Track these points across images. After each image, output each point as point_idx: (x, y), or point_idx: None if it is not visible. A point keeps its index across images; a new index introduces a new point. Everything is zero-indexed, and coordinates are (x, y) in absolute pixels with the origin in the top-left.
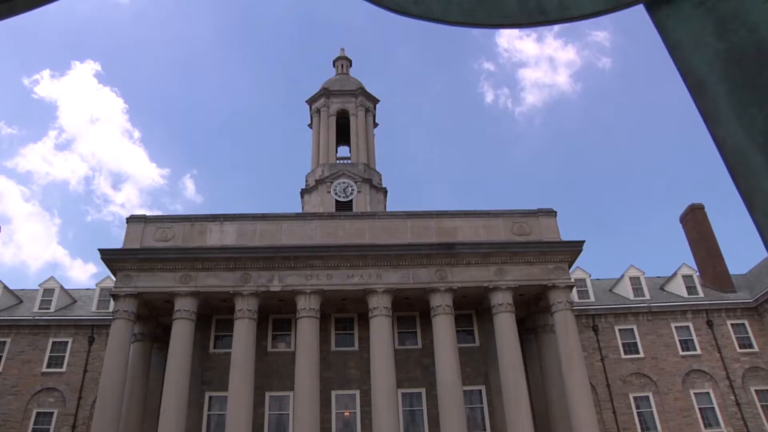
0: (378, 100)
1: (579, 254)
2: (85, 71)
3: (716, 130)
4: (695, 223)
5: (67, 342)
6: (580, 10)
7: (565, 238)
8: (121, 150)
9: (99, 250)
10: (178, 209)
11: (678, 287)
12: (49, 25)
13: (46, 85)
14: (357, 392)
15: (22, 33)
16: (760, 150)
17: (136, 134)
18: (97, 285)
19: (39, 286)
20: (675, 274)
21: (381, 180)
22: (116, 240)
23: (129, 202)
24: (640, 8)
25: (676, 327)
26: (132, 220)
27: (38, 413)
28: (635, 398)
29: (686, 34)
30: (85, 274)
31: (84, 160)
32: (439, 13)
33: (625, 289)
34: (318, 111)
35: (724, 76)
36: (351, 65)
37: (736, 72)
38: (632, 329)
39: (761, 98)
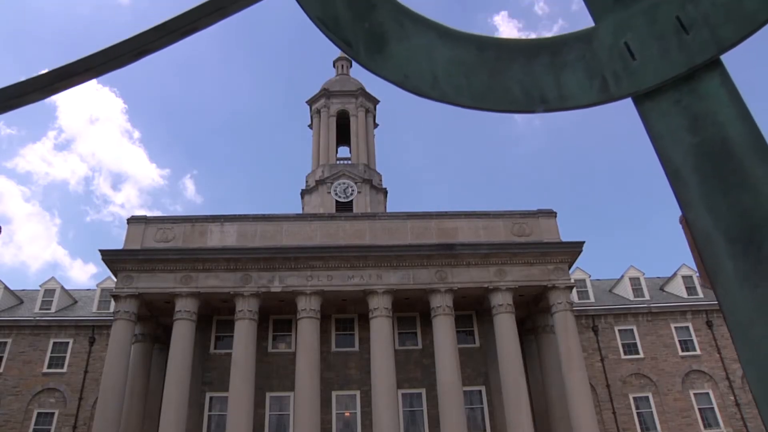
0: (378, 101)
1: (579, 255)
2: None
3: (688, 213)
4: None
5: (67, 342)
6: (576, 101)
7: (564, 238)
8: (121, 150)
9: (100, 251)
10: (178, 209)
11: (678, 288)
12: (49, 26)
13: None
14: (357, 393)
15: (22, 33)
16: (723, 234)
17: (136, 134)
18: (97, 285)
19: (40, 286)
20: (675, 274)
21: (381, 180)
22: (116, 240)
23: (129, 202)
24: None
25: (675, 327)
26: (133, 221)
27: (39, 414)
28: (635, 399)
29: (665, 128)
30: (85, 274)
31: (84, 160)
32: (453, 97)
33: (625, 290)
34: (318, 111)
35: (695, 167)
36: (351, 66)
37: (705, 164)
38: (632, 330)
39: (725, 189)
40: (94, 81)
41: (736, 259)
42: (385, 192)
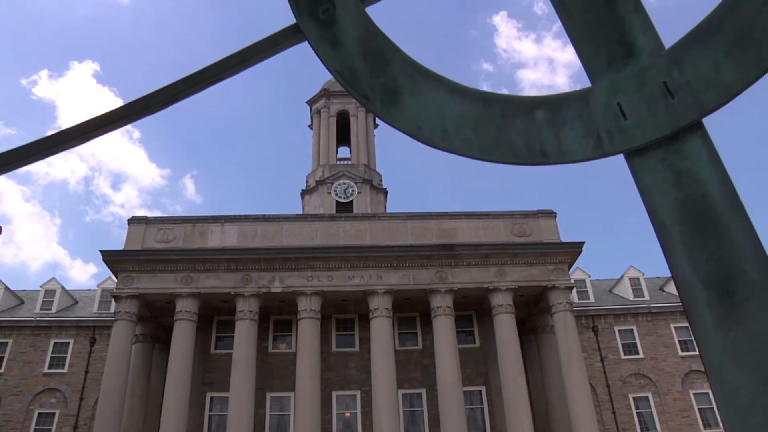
0: None
1: (579, 255)
2: (83, 71)
3: (671, 262)
4: None
5: (68, 343)
6: (573, 156)
7: (564, 239)
8: (121, 150)
9: (101, 251)
10: (178, 210)
11: None
12: (48, 26)
13: (44, 86)
14: (358, 393)
15: (20, 33)
16: (701, 281)
17: (136, 134)
18: (98, 286)
19: (40, 286)
20: None
21: (381, 181)
22: (116, 240)
23: (128, 202)
24: None
25: (675, 327)
26: (133, 221)
27: (40, 414)
28: (635, 399)
29: (652, 183)
30: (85, 274)
31: (83, 160)
32: (462, 150)
33: (625, 290)
34: (318, 112)
35: (679, 220)
36: None
37: (687, 217)
38: (632, 330)
39: (704, 241)
40: (93, 80)
41: (711, 305)
42: (385, 192)
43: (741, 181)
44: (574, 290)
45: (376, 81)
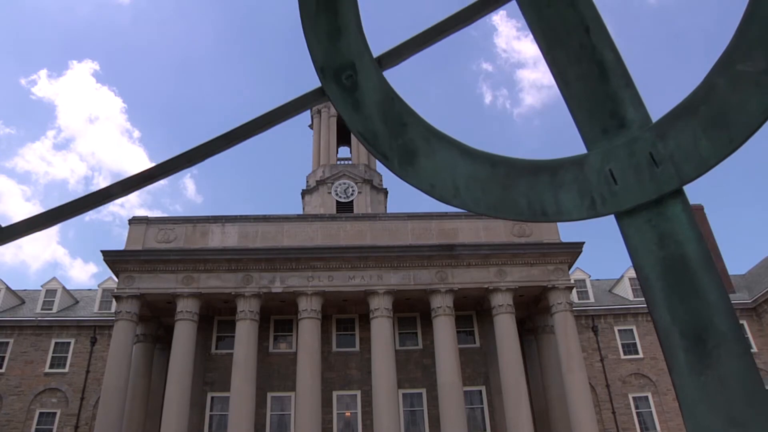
0: None
1: (579, 255)
2: (83, 70)
3: (654, 312)
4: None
5: (69, 342)
6: (569, 215)
7: (564, 239)
8: (121, 149)
9: (102, 251)
10: (178, 209)
11: None
12: (47, 26)
13: (43, 85)
14: (358, 393)
15: (20, 33)
16: (678, 330)
17: (136, 134)
18: (99, 286)
19: (41, 286)
20: None
21: (381, 181)
22: (116, 240)
23: (128, 201)
24: None
25: None
26: (134, 221)
27: (41, 413)
28: (634, 398)
29: (639, 242)
30: (85, 274)
31: (83, 159)
32: (472, 207)
33: (625, 290)
34: (319, 112)
35: (661, 276)
36: None
37: (668, 273)
38: (632, 330)
39: (682, 295)
40: (92, 80)
41: (686, 351)
42: (385, 192)
43: (741, 180)
44: (574, 290)
45: (394, 142)
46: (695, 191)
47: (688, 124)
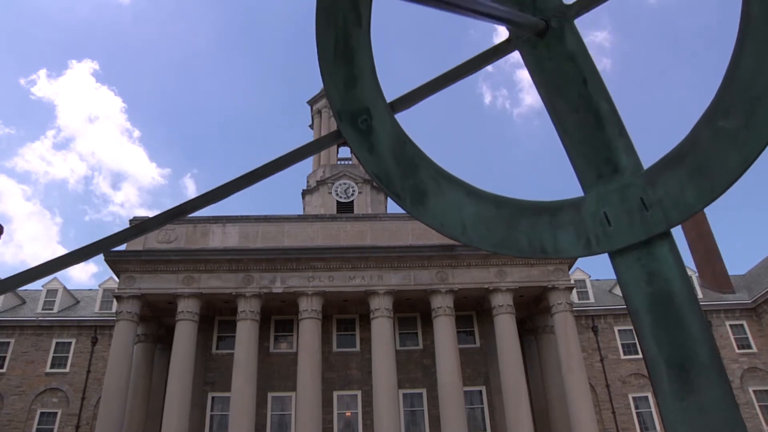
0: None
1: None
2: (82, 70)
3: (642, 344)
4: (694, 223)
5: (70, 342)
6: (567, 253)
7: None
8: (121, 149)
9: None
10: None
11: None
12: (46, 26)
13: (43, 85)
14: (358, 393)
15: (19, 33)
16: (664, 360)
17: (136, 133)
18: (99, 286)
19: (42, 286)
20: None
21: None
22: None
23: (128, 201)
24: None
25: None
26: (135, 221)
27: (42, 413)
28: (634, 398)
29: (630, 278)
30: (85, 273)
31: (83, 159)
32: (478, 243)
33: None
34: (319, 112)
35: (649, 310)
36: None
37: (656, 309)
38: (632, 330)
39: (668, 327)
40: (92, 79)
41: (671, 379)
42: (386, 192)
43: (740, 181)
44: (574, 290)
45: (406, 183)
46: None
47: (676, 173)
